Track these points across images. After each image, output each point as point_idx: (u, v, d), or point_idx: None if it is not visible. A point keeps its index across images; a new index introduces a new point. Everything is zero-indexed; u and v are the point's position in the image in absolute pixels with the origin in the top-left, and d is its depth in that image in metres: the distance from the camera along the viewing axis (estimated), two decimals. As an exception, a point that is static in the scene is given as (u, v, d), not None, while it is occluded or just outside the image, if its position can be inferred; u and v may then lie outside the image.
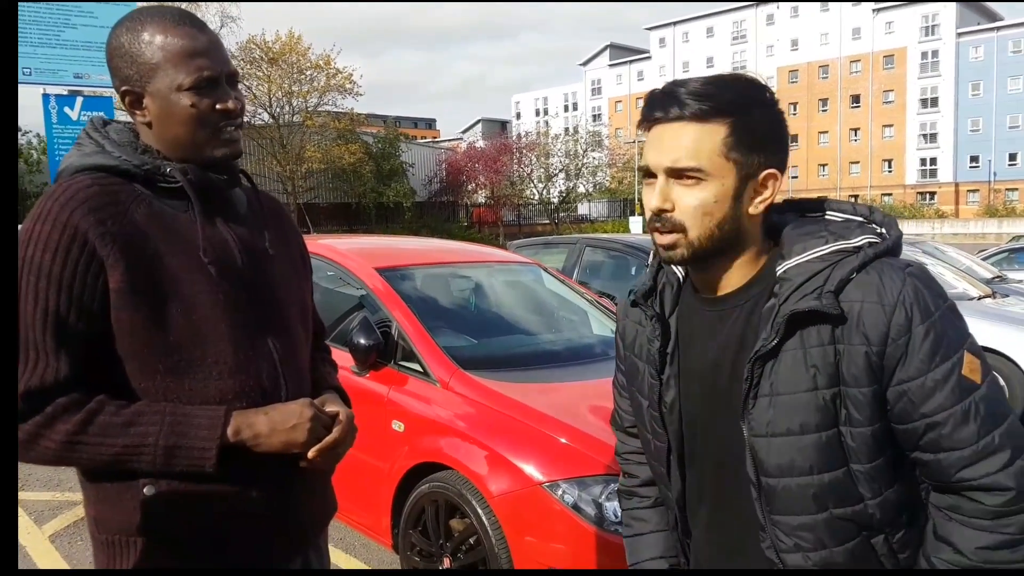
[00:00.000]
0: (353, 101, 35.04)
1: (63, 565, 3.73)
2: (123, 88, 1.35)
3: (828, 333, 1.12)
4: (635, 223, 32.76)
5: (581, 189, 46.11)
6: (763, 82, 1.19)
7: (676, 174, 1.15)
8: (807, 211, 1.26)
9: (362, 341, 3.36)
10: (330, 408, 1.42)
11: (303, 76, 33.46)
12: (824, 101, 66.31)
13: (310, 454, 1.35)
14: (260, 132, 33.12)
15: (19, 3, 5.19)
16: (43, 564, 3.75)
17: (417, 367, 3.36)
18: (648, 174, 1.18)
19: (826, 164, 66.72)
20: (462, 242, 5.22)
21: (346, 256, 4.04)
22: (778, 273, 1.16)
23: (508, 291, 4.36)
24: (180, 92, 1.31)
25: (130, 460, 1.25)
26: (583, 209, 51.68)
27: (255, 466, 1.33)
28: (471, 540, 2.96)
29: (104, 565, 1.33)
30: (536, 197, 44.61)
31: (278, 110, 33.66)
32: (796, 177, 66.62)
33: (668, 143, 1.15)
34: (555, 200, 44.76)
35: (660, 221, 1.17)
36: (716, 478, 1.28)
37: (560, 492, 2.74)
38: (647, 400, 1.34)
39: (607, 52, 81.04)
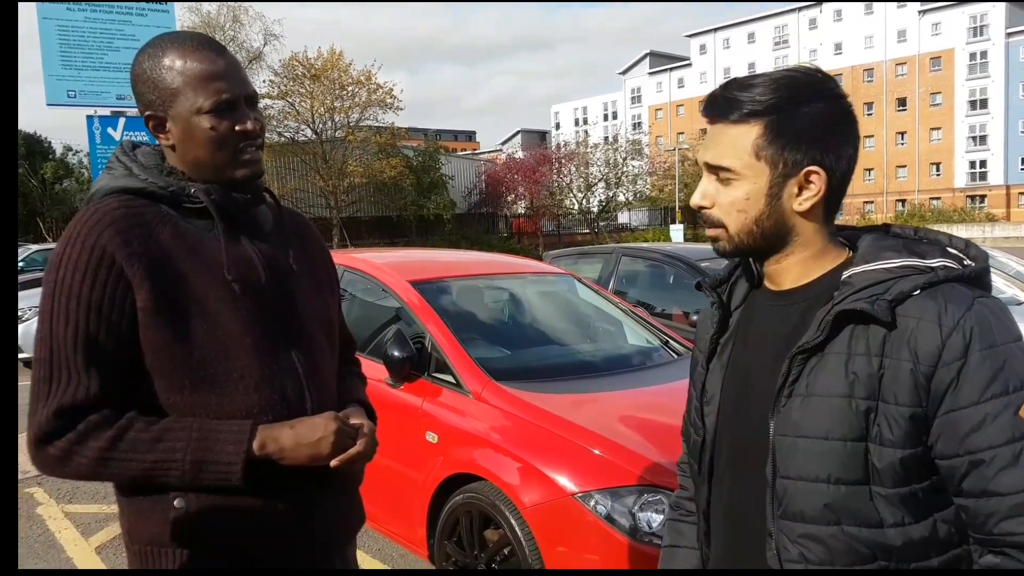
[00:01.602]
0: (394, 115, 35.46)
1: None
2: (147, 113, 1.39)
3: (878, 344, 1.08)
4: (676, 231, 32.51)
5: (621, 198, 45.84)
6: (823, 76, 1.17)
7: (714, 172, 1.19)
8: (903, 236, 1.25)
9: (396, 353, 3.40)
10: (354, 421, 1.44)
11: (345, 92, 33.92)
12: (869, 105, 64.91)
13: (332, 463, 1.37)
14: (303, 148, 33.70)
15: (52, 22, 5.50)
16: None
17: (450, 379, 3.39)
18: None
19: (872, 168, 65.25)
20: (497, 254, 5.26)
21: (381, 270, 4.11)
22: (843, 277, 1.15)
23: (542, 302, 4.38)
24: (200, 115, 1.34)
25: (160, 475, 1.28)
26: (623, 218, 51.43)
27: (281, 479, 1.36)
28: (505, 551, 2.97)
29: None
30: (576, 207, 44.52)
31: (321, 126, 34.18)
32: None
33: (711, 142, 1.20)
34: (595, 210, 44.62)
35: (703, 217, 1.23)
36: (733, 482, 1.26)
37: (593, 503, 2.74)
38: (694, 390, 1.35)
39: (647, 60, 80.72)
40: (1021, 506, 1.01)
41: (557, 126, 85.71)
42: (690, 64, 77.01)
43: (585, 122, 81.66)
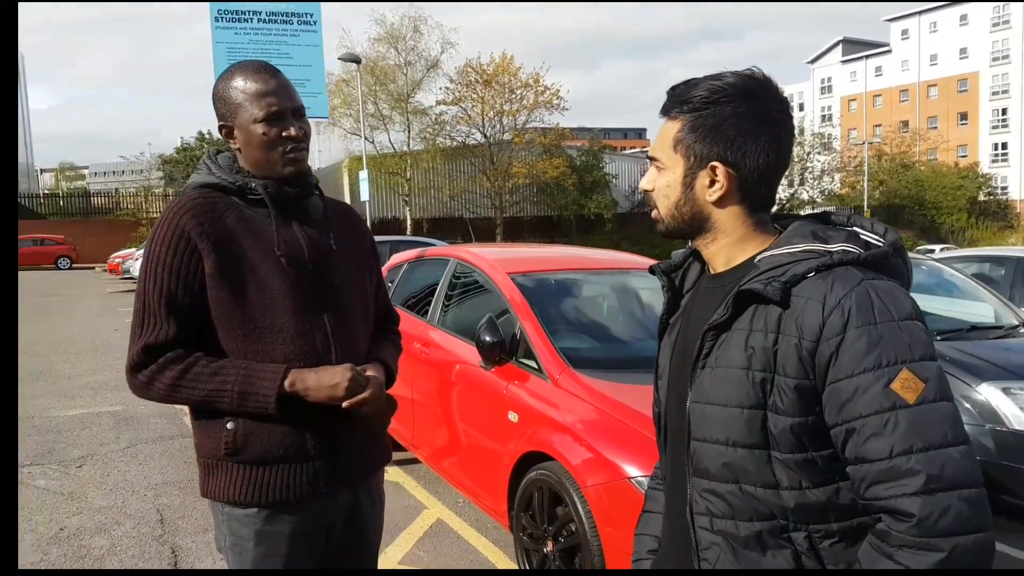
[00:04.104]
0: (560, 116, 35.91)
1: None
2: (220, 124, 1.78)
3: (774, 321, 1.18)
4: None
5: (805, 196, 43.22)
6: (757, 81, 1.26)
7: (653, 161, 1.35)
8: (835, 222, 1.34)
9: (487, 339, 3.69)
10: (369, 373, 1.78)
11: (514, 95, 34.82)
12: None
13: (344, 405, 1.71)
14: (473, 151, 35.01)
15: (223, 45, 6.31)
16: None
17: (534, 364, 3.64)
18: None
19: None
20: (614, 251, 5.40)
21: (487, 262, 4.43)
22: (755, 261, 1.28)
23: (641, 297, 4.49)
24: (255, 123, 1.71)
25: (215, 400, 1.66)
26: (805, 217, 48.41)
27: (309, 414, 1.71)
28: (571, 526, 3.17)
29: (202, 479, 1.78)
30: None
31: (490, 129, 35.31)
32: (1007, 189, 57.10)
33: (656, 135, 1.36)
34: (773, 209, 42.42)
35: (647, 200, 1.38)
36: (673, 447, 1.39)
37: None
38: (655, 368, 1.50)
39: (839, 47, 75.38)
40: (885, 472, 1.08)
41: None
42: (890, 50, 70.83)
43: (767, 116, 77.70)
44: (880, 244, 1.26)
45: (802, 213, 1.44)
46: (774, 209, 1.37)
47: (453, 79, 34.50)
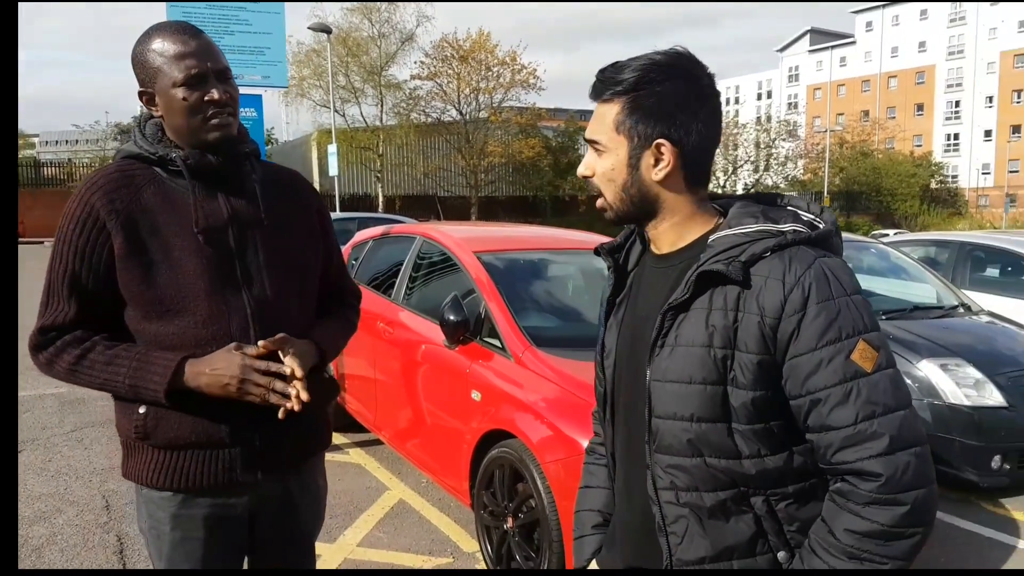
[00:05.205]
0: (536, 96, 35.79)
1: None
2: (140, 90, 1.65)
3: (733, 299, 1.22)
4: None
5: (769, 182, 43.82)
6: (686, 59, 1.29)
7: (592, 145, 1.36)
8: (768, 202, 1.39)
9: (451, 318, 3.69)
10: (287, 360, 1.61)
11: (490, 73, 34.58)
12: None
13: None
14: (448, 128, 34.71)
15: (178, 9, 6.13)
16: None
17: (497, 343, 3.65)
18: None
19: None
20: (581, 231, 5.41)
21: (454, 241, 4.41)
22: (709, 241, 1.30)
23: (604, 276, 4.51)
24: (175, 88, 1.59)
25: (111, 389, 1.61)
26: (770, 203, 49.07)
27: (220, 399, 1.59)
28: (530, 502, 3.20)
29: (123, 459, 1.73)
30: (718, 190, 43.02)
31: (466, 107, 35.07)
32: (1016, 171, 59.15)
33: (592, 119, 1.36)
34: (738, 193, 42.92)
35: (588, 187, 1.39)
36: (626, 424, 1.41)
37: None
38: (597, 346, 1.51)
39: (807, 37, 76.37)
40: (851, 437, 1.14)
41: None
42: (854, 42, 72.12)
43: (736, 101, 78.60)
44: (819, 223, 1.30)
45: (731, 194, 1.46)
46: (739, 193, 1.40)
47: (428, 53, 34.21)
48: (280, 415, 1.61)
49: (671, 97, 1.27)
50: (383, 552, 3.78)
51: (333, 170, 19.81)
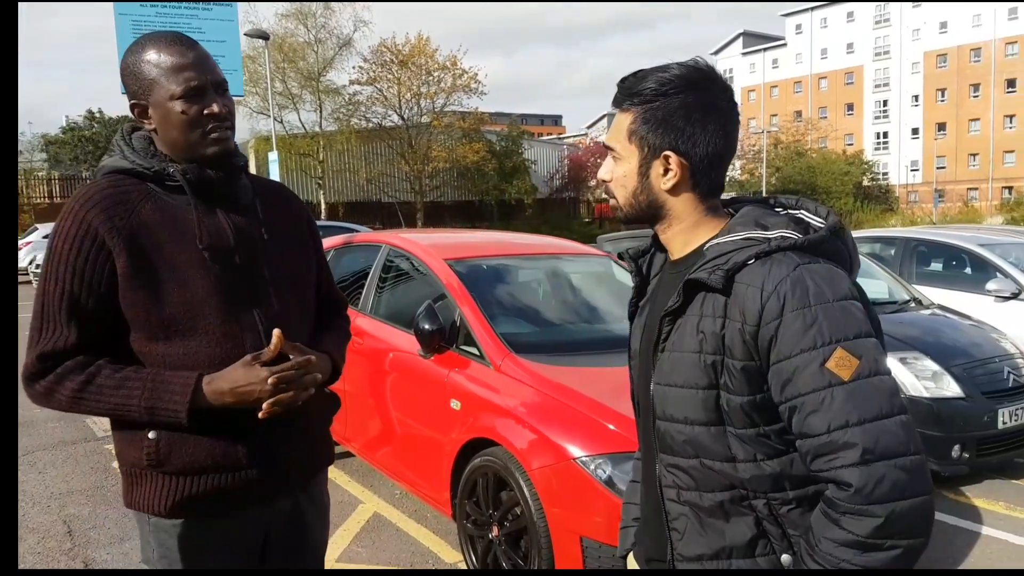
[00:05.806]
0: (478, 100, 35.82)
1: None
2: (132, 102, 1.58)
3: (720, 306, 1.25)
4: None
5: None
6: (701, 71, 1.31)
7: (610, 151, 1.39)
8: (785, 206, 1.41)
9: (427, 326, 3.65)
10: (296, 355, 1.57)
11: (431, 77, 34.49)
12: (976, 87, 61.10)
13: (260, 415, 1.53)
14: (390, 133, 34.49)
15: (127, 17, 5.93)
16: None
17: (475, 351, 3.62)
18: None
19: (977, 154, 61.56)
20: (545, 236, 5.43)
21: (423, 249, 4.37)
22: (704, 249, 1.33)
23: (575, 282, 4.54)
24: (173, 101, 1.53)
25: (122, 415, 1.52)
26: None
27: (239, 420, 1.55)
28: (516, 510, 3.18)
29: (125, 489, 1.63)
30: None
31: (407, 112, 34.88)
32: (944, 168, 61.91)
33: (611, 126, 1.39)
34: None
35: (605, 190, 1.43)
36: (643, 424, 1.46)
37: (594, 467, 2.91)
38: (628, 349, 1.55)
39: (740, 40, 78.38)
40: (824, 446, 1.15)
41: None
42: (785, 44, 74.36)
43: (674, 105, 79.89)
44: (821, 225, 1.32)
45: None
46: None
47: (367, 58, 33.91)
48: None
49: (680, 110, 1.31)
50: (364, 567, 3.70)
51: (274, 178, 19.47)
